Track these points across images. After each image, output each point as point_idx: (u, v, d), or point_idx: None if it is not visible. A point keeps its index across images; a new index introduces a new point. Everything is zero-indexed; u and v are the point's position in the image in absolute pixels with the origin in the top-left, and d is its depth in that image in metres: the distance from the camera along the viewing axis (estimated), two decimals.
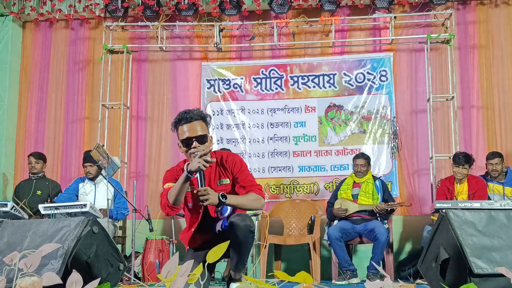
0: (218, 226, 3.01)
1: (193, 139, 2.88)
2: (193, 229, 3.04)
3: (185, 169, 2.81)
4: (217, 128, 6.76)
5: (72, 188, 5.63)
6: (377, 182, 5.58)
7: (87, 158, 5.40)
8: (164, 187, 2.99)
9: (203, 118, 2.98)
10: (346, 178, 5.75)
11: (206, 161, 2.77)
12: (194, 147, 2.87)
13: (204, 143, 2.89)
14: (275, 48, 6.85)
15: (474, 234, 2.76)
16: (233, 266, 3.00)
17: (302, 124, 6.70)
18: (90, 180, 5.59)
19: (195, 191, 2.85)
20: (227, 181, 3.01)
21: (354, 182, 5.61)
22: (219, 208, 2.90)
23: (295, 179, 6.60)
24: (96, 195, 5.50)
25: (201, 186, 2.80)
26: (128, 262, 4.34)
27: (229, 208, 2.95)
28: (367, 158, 5.64)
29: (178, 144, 3.01)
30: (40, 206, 4.44)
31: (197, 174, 2.81)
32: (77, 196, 5.56)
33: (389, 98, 6.62)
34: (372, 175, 5.67)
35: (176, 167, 3.10)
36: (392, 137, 6.51)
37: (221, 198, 2.77)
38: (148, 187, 6.75)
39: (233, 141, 6.73)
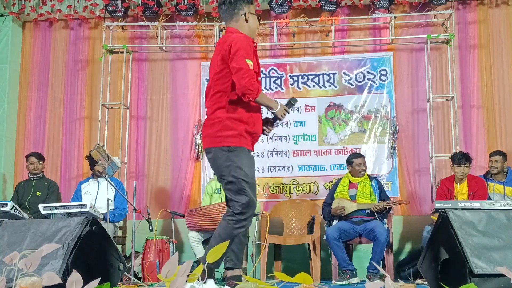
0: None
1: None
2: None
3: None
4: None
5: (76, 193, 5.72)
6: (373, 182, 5.51)
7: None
8: (248, 62, 3.10)
9: None
10: (341, 179, 5.68)
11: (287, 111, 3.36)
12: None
13: None
14: (275, 48, 6.85)
15: (474, 234, 2.76)
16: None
17: (301, 124, 6.69)
18: (93, 179, 5.63)
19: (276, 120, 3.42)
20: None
21: (350, 182, 5.54)
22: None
23: (295, 179, 6.59)
24: (98, 194, 5.51)
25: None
26: (128, 262, 4.34)
27: None
28: (364, 157, 5.63)
29: (245, 14, 3.29)
30: (40, 206, 4.43)
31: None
32: (81, 197, 5.59)
33: (389, 97, 6.61)
34: (368, 175, 5.61)
35: (245, 40, 3.19)
36: (392, 136, 6.51)
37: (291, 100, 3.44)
38: (148, 187, 6.74)
39: None
